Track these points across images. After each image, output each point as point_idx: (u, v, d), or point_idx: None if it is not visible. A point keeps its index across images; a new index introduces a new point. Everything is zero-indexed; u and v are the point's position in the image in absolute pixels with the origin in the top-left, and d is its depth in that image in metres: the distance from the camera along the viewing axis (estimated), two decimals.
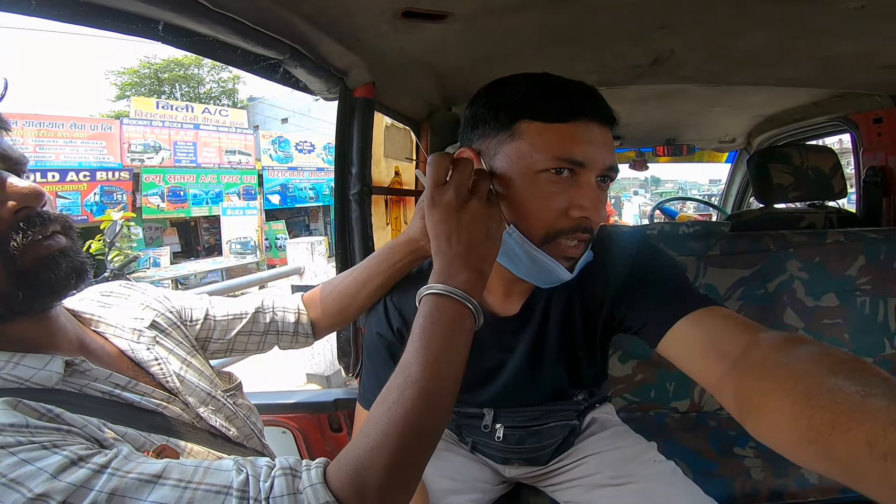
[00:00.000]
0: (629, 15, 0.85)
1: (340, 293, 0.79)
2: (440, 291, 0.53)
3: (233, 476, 0.40)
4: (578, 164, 0.57)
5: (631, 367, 1.28)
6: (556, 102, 0.57)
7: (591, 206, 0.58)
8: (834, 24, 0.87)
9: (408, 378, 0.48)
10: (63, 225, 0.50)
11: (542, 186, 0.58)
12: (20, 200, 0.45)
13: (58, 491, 0.35)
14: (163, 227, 12.04)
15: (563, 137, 0.57)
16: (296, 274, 3.39)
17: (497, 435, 0.79)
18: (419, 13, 0.80)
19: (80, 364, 0.49)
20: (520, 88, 0.60)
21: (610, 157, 0.59)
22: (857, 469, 0.34)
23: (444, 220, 0.55)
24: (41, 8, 0.54)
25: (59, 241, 0.48)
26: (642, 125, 2.17)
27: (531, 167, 0.57)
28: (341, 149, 1.02)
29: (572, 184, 0.58)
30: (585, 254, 0.63)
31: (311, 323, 0.80)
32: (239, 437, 0.61)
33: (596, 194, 0.58)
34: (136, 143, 10.47)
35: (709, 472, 1.02)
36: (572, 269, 0.62)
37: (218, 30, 0.68)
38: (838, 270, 1.27)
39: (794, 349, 0.45)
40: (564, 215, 0.59)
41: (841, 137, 2.75)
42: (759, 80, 1.27)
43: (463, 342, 0.53)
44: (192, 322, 0.71)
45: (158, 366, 0.58)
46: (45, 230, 0.47)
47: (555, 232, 0.59)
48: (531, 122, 0.58)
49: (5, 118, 0.48)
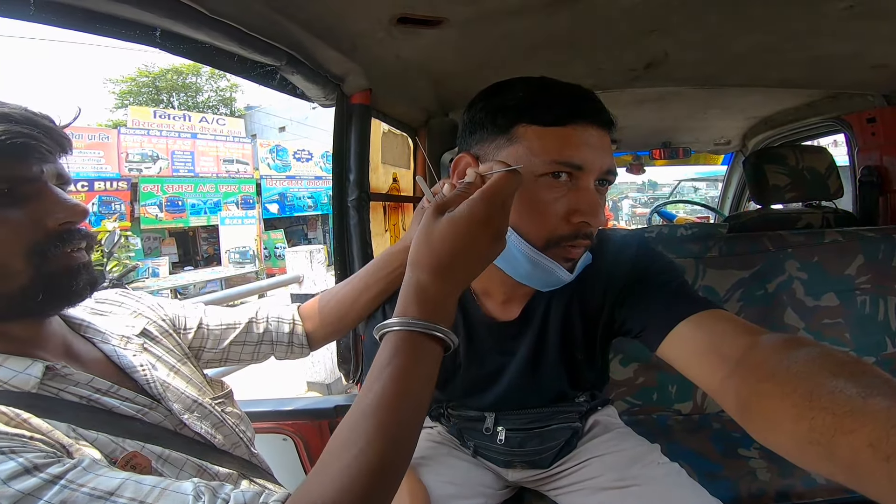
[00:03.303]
0: (621, 19, 0.86)
1: (339, 301, 0.79)
2: (405, 328, 0.46)
3: (189, 501, 0.40)
4: (577, 168, 0.57)
5: (632, 370, 1.27)
6: (554, 106, 0.57)
7: (590, 210, 0.57)
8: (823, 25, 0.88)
9: (368, 424, 0.42)
10: (89, 242, 0.54)
11: (541, 191, 0.58)
12: (69, 215, 0.50)
13: (4, 497, 0.35)
14: (161, 238, 12.02)
15: (561, 141, 0.56)
16: (295, 283, 3.38)
17: (499, 438, 0.79)
18: (414, 19, 0.80)
19: (62, 369, 0.50)
20: (517, 92, 0.59)
21: (608, 161, 0.59)
22: (860, 471, 0.34)
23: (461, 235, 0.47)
24: (40, 14, 0.55)
25: (84, 255, 0.53)
26: (638, 129, 2.19)
27: (530, 171, 0.57)
28: (339, 155, 1.02)
29: (571, 188, 0.58)
30: (584, 255, 0.63)
31: (307, 334, 0.79)
32: (225, 444, 0.61)
33: (595, 198, 0.58)
34: (133, 152, 10.48)
35: (714, 474, 1.01)
36: (572, 270, 0.62)
37: (215, 36, 0.68)
38: (837, 270, 1.27)
39: (795, 351, 0.45)
40: (564, 220, 0.58)
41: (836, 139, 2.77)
42: (752, 81, 1.28)
43: (431, 374, 0.47)
44: (185, 330, 0.72)
45: (143, 372, 0.58)
46: (78, 244, 0.52)
47: (556, 238, 0.59)
48: (529, 126, 0.57)
49: (70, 142, 0.54)
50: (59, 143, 0.52)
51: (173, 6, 0.61)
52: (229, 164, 12.26)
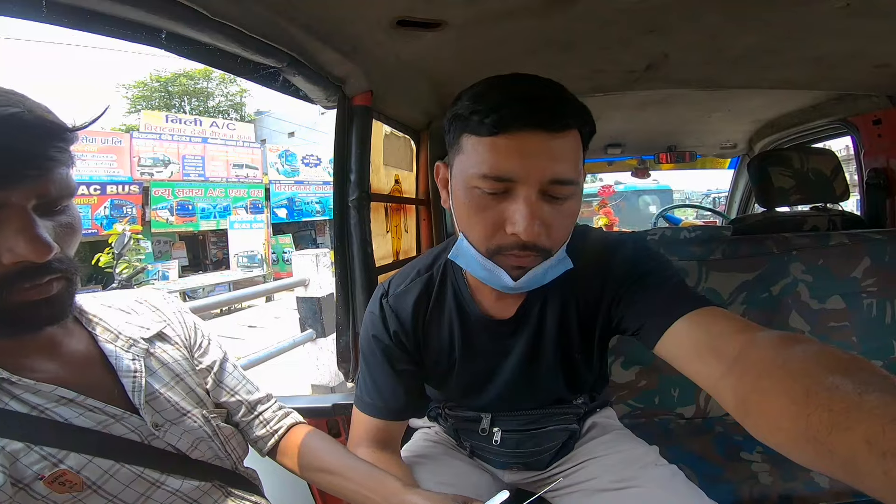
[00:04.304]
0: (619, 20, 0.86)
1: (321, 462, 0.71)
2: None
3: None
4: (508, 181, 0.55)
5: (634, 373, 1.26)
6: (488, 114, 0.54)
7: (521, 221, 0.54)
8: (820, 24, 0.87)
9: None
10: (65, 272, 0.49)
11: (478, 201, 0.57)
12: (26, 255, 0.45)
13: None
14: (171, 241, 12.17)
15: (492, 152, 0.54)
16: (301, 286, 3.41)
17: (495, 439, 0.79)
18: (414, 22, 0.81)
19: (18, 381, 0.49)
20: (464, 100, 0.58)
21: (552, 168, 0.54)
22: (857, 467, 0.34)
23: None
24: (52, 15, 0.56)
25: (51, 288, 0.48)
26: (642, 132, 2.18)
27: (468, 183, 0.57)
28: (340, 156, 1.04)
29: (507, 198, 0.56)
30: (556, 263, 0.61)
31: (272, 448, 0.74)
32: (204, 457, 0.61)
33: (529, 210, 0.54)
34: (145, 156, 10.67)
35: (715, 477, 1.00)
36: (517, 278, 0.60)
37: (218, 38, 0.70)
38: (843, 273, 1.26)
39: (792, 348, 0.45)
40: (501, 230, 0.57)
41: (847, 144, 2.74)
42: (753, 82, 1.27)
43: None
44: (195, 359, 0.71)
45: (132, 379, 0.58)
46: (40, 279, 0.47)
47: (494, 247, 0.59)
48: (470, 136, 0.57)
49: (74, 153, 0.49)
50: (42, 159, 0.45)
51: (177, 8, 0.63)
52: (239, 168, 12.43)
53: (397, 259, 1.31)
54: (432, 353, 0.75)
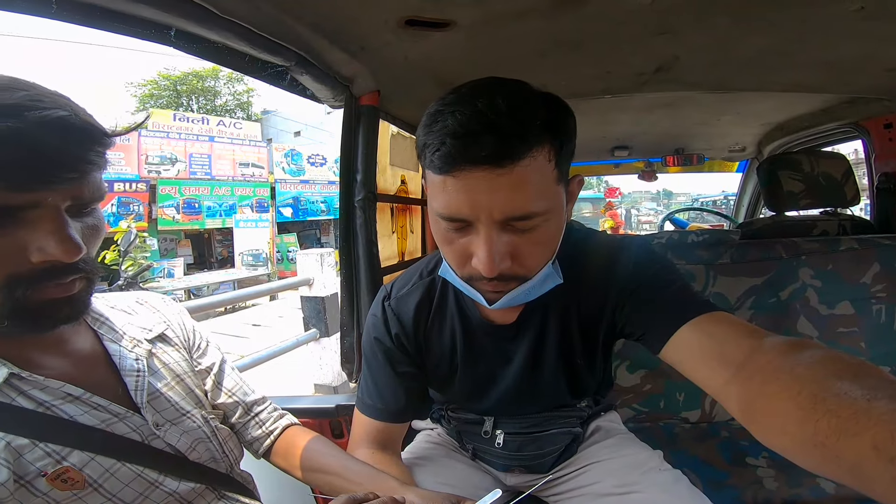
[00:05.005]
0: (629, 22, 0.85)
1: (315, 457, 0.72)
2: None
3: None
4: (461, 221, 0.53)
5: (639, 376, 1.26)
6: (434, 150, 0.50)
7: (482, 259, 0.53)
8: (833, 27, 0.86)
9: None
10: (86, 273, 0.50)
11: (444, 235, 0.57)
12: (57, 255, 0.45)
13: None
14: (177, 239, 12.25)
15: (443, 192, 0.52)
16: (305, 285, 3.42)
17: (497, 441, 0.79)
18: (422, 22, 0.81)
19: (28, 377, 0.50)
20: (424, 123, 0.54)
21: (504, 207, 0.50)
22: (865, 473, 0.33)
23: None
24: (62, 12, 0.56)
25: (73, 287, 0.49)
26: (650, 135, 2.17)
27: (434, 213, 0.56)
28: (346, 156, 1.04)
29: (471, 232, 0.54)
30: (531, 288, 0.60)
31: (268, 449, 0.75)
32: (202, 459, 0.62)
33: (487, 248, 0.52)
34: (153, 154, 10.73)
35: (719, 482, 0.99)
36: (493, 302, 0.60)
37: (226, 36, 0.70)
38: (852, 278, 1.24)
39: (799, 353, 0.45)
40: (469, 262, 0.56)
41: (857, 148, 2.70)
42: (764, 85, 1.26)
43: None
44: (195, 360, 0.72)
45: (135, 378, 0.58)
46: (65, 278, 0.48)
47: (467, 276, 0.59)
48: (427, 170, 0.55)
49: (107, 157, 0.49)
50: (82, 163, 0.46)
51: (186, 5, 0.63)
52: (245, 167, 12.48)
53: (403, 260, 1.30)
54: (434, 356, 0.75)
